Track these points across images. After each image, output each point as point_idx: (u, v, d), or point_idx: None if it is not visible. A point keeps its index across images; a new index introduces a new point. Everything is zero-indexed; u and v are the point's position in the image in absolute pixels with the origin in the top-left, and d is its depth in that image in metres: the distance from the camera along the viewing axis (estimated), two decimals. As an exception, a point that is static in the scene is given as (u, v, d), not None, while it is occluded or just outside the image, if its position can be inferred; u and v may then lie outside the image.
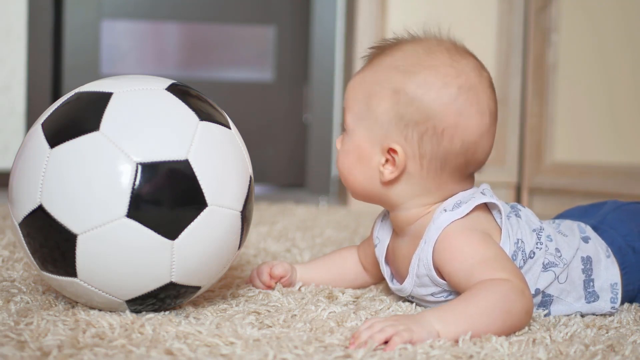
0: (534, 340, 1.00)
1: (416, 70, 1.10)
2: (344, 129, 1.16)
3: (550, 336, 1.02)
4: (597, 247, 1.19)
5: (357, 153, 1.13)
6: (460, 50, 1.13)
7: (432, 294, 1.13)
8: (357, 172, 1.14)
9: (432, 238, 1.10)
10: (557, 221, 1.24)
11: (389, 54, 1.13)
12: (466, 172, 1.13)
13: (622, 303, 1.21)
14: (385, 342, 0.93)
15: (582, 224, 1.23)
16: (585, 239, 1.19)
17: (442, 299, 1.13)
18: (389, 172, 1.11)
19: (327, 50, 3.21)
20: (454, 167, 1.11)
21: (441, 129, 1.09)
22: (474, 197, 1.12)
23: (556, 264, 1.14)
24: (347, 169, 1.15)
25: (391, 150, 1.10)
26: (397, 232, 1.18)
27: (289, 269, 1.26)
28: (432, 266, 1.10)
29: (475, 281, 1.04)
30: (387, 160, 1.11)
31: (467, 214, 1.10)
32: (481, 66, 1.13)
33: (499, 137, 2.78)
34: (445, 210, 1.11)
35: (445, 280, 1.10)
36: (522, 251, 1.12)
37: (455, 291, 1.11)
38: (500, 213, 1.13)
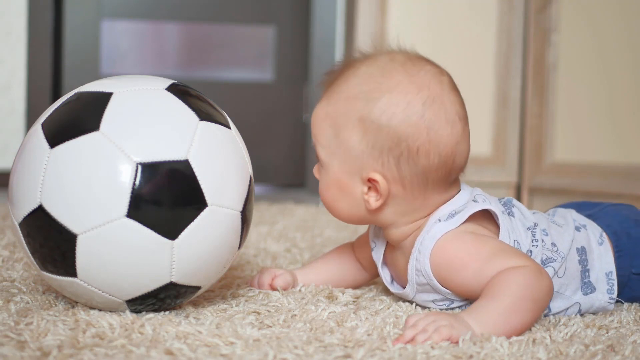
0: (534, 340, 1.00)
1: (377, 96, 1.08)
2: (318, 160, 1.14)
3: (550, 336, 1.02)
4: (590, 235, 1.19)
5: (337, 186, 1.12)
6: (415, 61, 1.10)
7: (433, 301, 1.14)
8: (342, 203, 1.13)
9: (427, 248, 1.10)
10: (550, 211, 1.25)
11: (344, 81, 1.11)
12: (449, 180, 1.12)
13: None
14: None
15: (575, 212, 1.23)
16: (578, 228, 1.19)
17: (445, 307, 1.13)
18: (374, 200, 1.10)
19: (327, 50, 3.21)
20: (437, 180, 1.10)
21: (415, 148, 1.07)
22: (467, 206, 1.11)
23: (554, 259, 1.14)
24: (331, 201, 1.14)
25: (371, 180, 1.09)
26: (391, 244, 1.19)
27: (291, 281, 1.25)
28: (432, 276, 1.10)
29: (487, 280, 1.04)
30: (369, 188, 1.10)
31: (461, 224, 1.10)
32: (440, 71, 1.11)
33: (499, 137, 2.78)
34: (439, 221, 1.10)
35: (449, 290, 1.11)
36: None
37: (457, 299, 1.12)
38: (497, 216, 1.13)
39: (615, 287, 1.18)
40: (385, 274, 1.21)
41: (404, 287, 1.16)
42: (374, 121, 1.08)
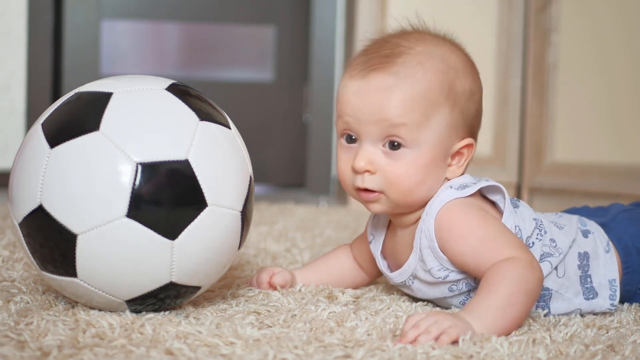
0: (534, 340, 1.00)
1: (459, 67, 1.14)
2: (394, 146, 1.10)
3: (550, 336, 1.02)
4: (597, 242, 1.19)
5: (429, 166, 1.11)
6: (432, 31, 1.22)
7: (430, 270, 1.14)
8: (425, 184, 1.12)
9: (434, 210, 1.12)
10: (558, 213, 1.25)
11: (420, 57, 1.13)
12: None
13: (620, 301, 1.22)
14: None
15: (584, 218, 1.23)
16: (585, 233, 1.20)
17: (441, 278, 1.14)
18: (458, 167, 1.15)
19: (327, 50, 3.21)
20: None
21: (478, 99, 1.16)
22: (478, 182, 1.14)
23: (551, 254, 1.15)
24: (415, 184, 1.11)
25: (466, 147, 1.14)
26: (398, 226, 1.19)
27: (289, 278, 1.26)
28: (434, 237, 1.12)
29: (483, 262, 1.07)
30: (452, 157, 1.14)
31: (470, 196, 1.12)
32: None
33: (499, 137, 2.78)
34: (451, 187, 1.13)
35: (446, 256, 1.12)
36: (520, 238, 1.13)
37: (454, 270, 1.12)
38: (504, 198, 1.15)
39: (618, 294, 1.19)
40: (383, 265, 1.22)
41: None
42: (466, 90, 1.14)
